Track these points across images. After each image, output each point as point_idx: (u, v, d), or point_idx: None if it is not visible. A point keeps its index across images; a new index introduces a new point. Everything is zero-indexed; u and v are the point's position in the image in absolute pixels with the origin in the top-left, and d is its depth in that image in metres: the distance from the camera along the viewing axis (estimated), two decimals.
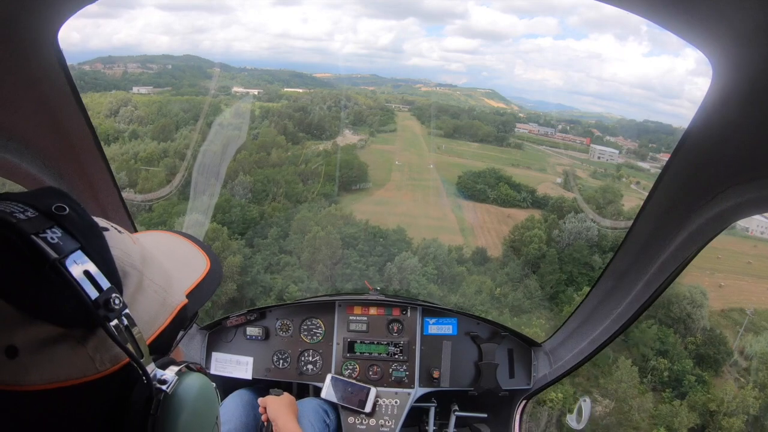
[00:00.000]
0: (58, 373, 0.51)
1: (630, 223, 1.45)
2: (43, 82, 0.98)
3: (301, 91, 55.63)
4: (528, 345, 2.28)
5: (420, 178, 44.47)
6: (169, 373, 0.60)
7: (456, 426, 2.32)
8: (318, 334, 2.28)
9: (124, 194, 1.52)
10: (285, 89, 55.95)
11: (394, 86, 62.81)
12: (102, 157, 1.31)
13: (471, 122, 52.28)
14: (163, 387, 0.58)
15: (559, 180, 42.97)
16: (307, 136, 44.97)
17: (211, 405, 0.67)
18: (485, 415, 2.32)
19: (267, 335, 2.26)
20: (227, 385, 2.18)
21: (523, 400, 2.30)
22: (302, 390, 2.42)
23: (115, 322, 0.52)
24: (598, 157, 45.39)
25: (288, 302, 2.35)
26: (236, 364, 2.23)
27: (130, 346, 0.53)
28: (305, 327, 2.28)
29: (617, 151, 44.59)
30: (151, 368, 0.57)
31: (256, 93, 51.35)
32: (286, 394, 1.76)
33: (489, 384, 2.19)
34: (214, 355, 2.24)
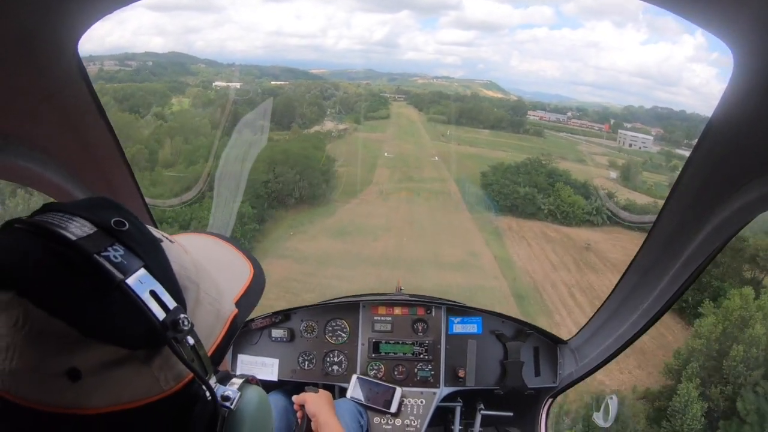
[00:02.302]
0: (122, 394, 0.50)
1: (654, 217, 1.43)
2: (64, 92, 1.00)
3: (286, 83, 49.41)
4: (554, 343, 2.26)
5: (420, 178, 34.35)
6: (231, 389, 0.60)
7: (482, 425, 2.32)
8: (343, 335, 2.30)
9: (148, 201, 1.55)
10: (272, 83, 49.75)
11: (389, 80, 58.05)
12: (125, 163, 1.34)
13: (479, 105, 45.32)
14: (227, 404, 0.58)
15: (613, 174, 34.38)
16: (270, 125, 32.59)
17: (269, 417, 0.68)
18: (511, 414, 2.30)
19: (292, 337, 2.29)
20: None
21: (549, 398, 2.28)
22: (328, 391, 2.42)
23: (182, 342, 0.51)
24: (630, 144, 38.68)
25: (312, 304, 2.37)
26: (262, 366, 2.26)
27: (195, 365, 0.53)
28: (330, 328, 2.30)
29: (651, 137, 38.53)
30: (213, 384, 0.57)
31: (238, 86, 45.11)
32: (322, 390, 1.77)
33: (515, 382, 2.18)
34: (240, 357, 2.27)
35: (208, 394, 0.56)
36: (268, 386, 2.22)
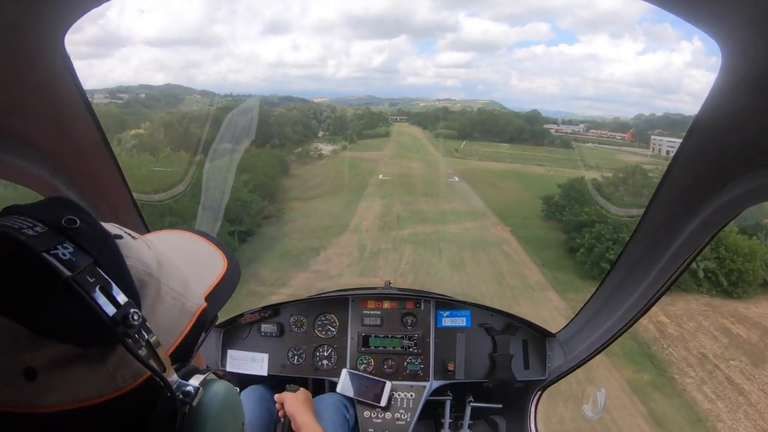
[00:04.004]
0: (77, 393, 0.50)
1: (641, 211, 1.44)
2: (51, 86, 0.98)
3: (282, 108, 41.94)
4: (542, 336, 2.27)
5: (433, 215, 21.69)
6: (192, 385, 0.58)
7: (471, 418, 2.33)
8: (332, 330, 2.30)
9: (136, 196, 1.52)
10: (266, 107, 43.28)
11: (391, 104, 52.28)
12: (112, 158, 1.32)
13: (493, 116, 38.90)
14: (187, 399, 0.57)
15: None
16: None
17: (236, 413, 0.66)
18: (500, 406, 2.33)
19: (282, 331, 2.29)
20: (243, 382, 2.20)
21: (538, 390, 2.30)
22: (318, 385, 2.44)
23: (135, 337, 0.51)
24: (667, 151, 33.25)
25: (302, 298, 2.37)
26: (251, 361, 2.26)
27: (152, 361, 0.52)
28: (319, 322, 2.30)
29: None
30: (174, 380, 0.56)
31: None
32: (302, 389, 1.78)
33: (504, 375, 2.20)
34: (229, 352, 2.27)
35: (168, 391, 0.56)
36: (257, 381, 2.22)
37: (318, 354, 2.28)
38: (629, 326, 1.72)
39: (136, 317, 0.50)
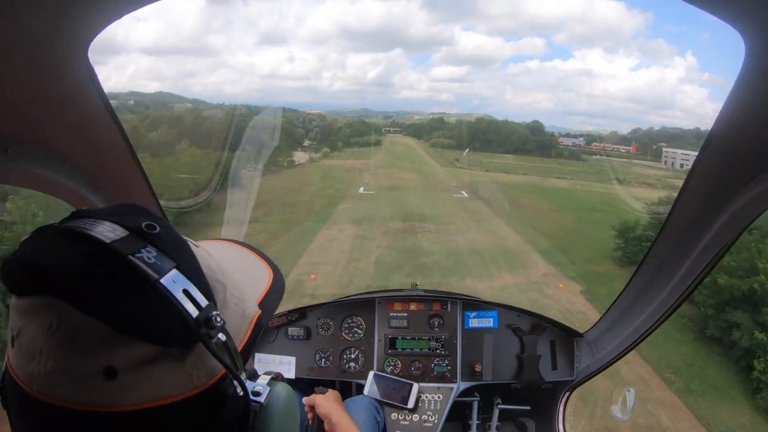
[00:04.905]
0: (157, 392, 0.51)
1: (668, 209, 1.43)
2: (76, 98, 1.01)
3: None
4: (570, 336, 2.26)
5: (441, 257, 13.94)
6: (261, 385, 0.61)
7: (499, 419, 2.32)
8: (359, 332, 2.32)
9: (162, 203, 1.56)
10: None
11: (384, 117, 50.18)
12: (139, 168, 1.36)
13: (495, 125, 36.10)
14: (258, 398, 0.60)
15: None
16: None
17: (296, 413, 0.70)
18: (528, 408, 2.31)
19: (308, 334, 2.31)
20: None
21: (566, 391, 2.28)
22: (345, 388, 2.45)
23: (215, 339, 0.52)
24: (681, 165, 31.04)
25: (328, 301, 2.39)
26: (279, 364, 2.28)
27: (227, 361, 0.54)
28: (346, 325, 2.32)
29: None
30: (244, 380, 0.59)
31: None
32: (331, 390, 1.77)
33: (532, 376, 2.19)
34: (257, 356, 2.29)
35: (239, 389, 0.58)
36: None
37: (345, 356, 2.30)
38: (658, 325, 1.70)
39: (218, 319, 0.53)
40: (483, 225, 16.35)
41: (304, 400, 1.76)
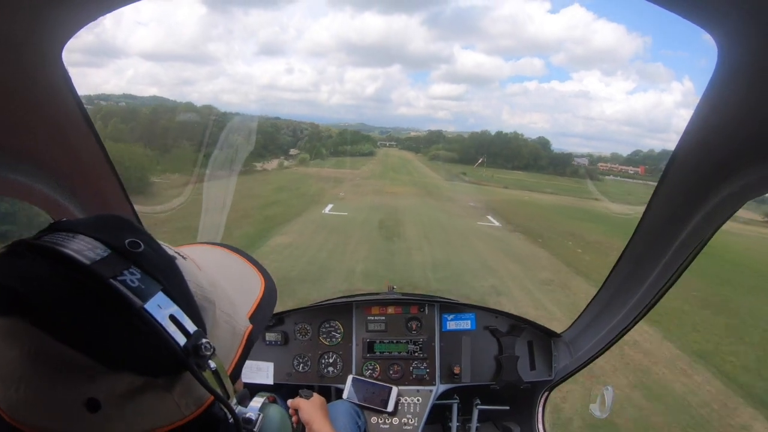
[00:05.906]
0: (143, 423, 0.48)
1: (643, 207, 1.43)
2: (50, 102, 0.97)
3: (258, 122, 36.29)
4: (548, 336, 2.27)
5: None
6: (252, 411, 0.59)
7: (479, 420, 2.32)
8: (337, 336, 2.29)
9: (137, 208, 1.51)
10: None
11: (381, 132, 47.71)
12: (114, 173, 1.31)
13: (502, 138, 33.22)
14: (249, 426, 0.57)
15: None
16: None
17: None
18: (508, 408, 2.32)
19: (286, 340, 2.28)
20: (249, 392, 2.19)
21: (545, 391, 2.29)
22: (324, 392, 2.41)
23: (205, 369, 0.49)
24: None
25: (305, 306, 2.36)
26: (257, 371, 2.24)
27: (217, 389, 0.51)
28: (324, 329, 2.30)
29: None
30: (234, 406, 0.55)
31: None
32: (316, 395, 1.74)
33: (510, 377, 2.20)
34: None
35: (230, 417, 0.55)
36: (264, 390, 2.19)
37: (323, 361, 2.27)
38: (635, 323, 1.70)
39: (208, 347, 0.49)
40: (554, 289, 7.82)
41: (289, 402, 1.73)
